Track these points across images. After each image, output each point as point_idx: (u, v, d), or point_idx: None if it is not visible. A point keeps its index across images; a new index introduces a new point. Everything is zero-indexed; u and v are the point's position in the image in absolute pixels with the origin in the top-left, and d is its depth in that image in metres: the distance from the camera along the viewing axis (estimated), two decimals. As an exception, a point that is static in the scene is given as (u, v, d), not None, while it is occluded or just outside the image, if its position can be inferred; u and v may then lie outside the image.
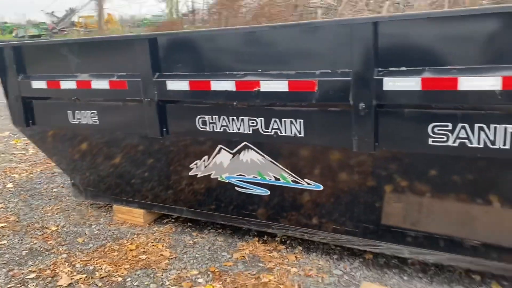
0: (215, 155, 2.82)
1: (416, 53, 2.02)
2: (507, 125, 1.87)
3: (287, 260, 2.98)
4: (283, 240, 3.23)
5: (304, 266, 2.89)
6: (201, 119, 2.71)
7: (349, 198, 2.54)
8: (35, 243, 3.34)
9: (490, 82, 1.82)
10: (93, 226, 3.63)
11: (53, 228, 3.61)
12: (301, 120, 2.35)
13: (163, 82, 2.71)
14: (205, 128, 2.71)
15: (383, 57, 2.05)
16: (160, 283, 2.77)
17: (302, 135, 2.38)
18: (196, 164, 2.96)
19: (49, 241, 3.39)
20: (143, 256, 3.09)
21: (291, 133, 2.41)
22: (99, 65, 3.00)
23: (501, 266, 2.33)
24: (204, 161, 2.90)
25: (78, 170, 3.73)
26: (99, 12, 33.84)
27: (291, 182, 2.65)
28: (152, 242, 3.29)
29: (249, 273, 2.82)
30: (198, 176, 3.02)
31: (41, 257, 3.13)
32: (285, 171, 2.62)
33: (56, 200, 4.23)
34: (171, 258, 3.06)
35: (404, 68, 2.03)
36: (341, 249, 3.06)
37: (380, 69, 2.07)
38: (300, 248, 3.11)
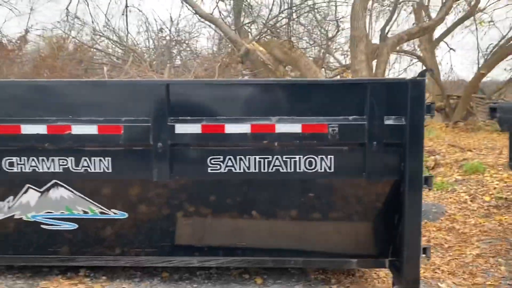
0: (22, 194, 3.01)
1: (197, 107, 2.85)
2: (256, 156, 2.84)
3: (93, 288, 3.29)
4: (87, 273, 3.50)
5: (108, 290, 3.26)
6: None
7: (150, 223, 3.11)
8: None
9: (244, 128, 2.78)
10: None
11: None
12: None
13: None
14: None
15: (174, 109, 2.81)
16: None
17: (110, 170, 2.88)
18: (-3, 206, 3.05)
19: None
20: None
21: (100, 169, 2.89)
22: None
23: (258, 260, 3.24)
24: (9, 201, 3.03)
25: None
26: None
27: (99, 214, 3.07)
28: None
29: (59, 305, 3.03)
30: (0, 218, 3.10)
31: None
32: (94, 203, 3.03)
33: None
34: (-34, 306, 2.98)
35: (189, 117, 2.83)
36: (141, 272, 3.56)
37: (172, 117, 2.82)
38: (105, 277, 3.45)
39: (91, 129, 2.81)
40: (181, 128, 2.81)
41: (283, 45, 8.73)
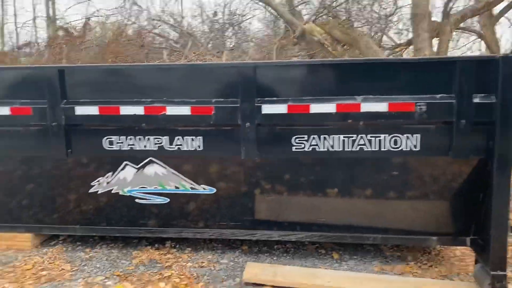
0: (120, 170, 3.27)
1: (283, 88, 2.96)
2: (340, 135, 2.93)
3: (181, 258, 3.53)
4: (172, 245, 3.76)
5: (197, 260, 3.49)
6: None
7: (235, 198, 3.29)
8: None
9: (329, 108, 2.86)
10: (-25, 255, 3.56)
11: None
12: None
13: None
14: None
15: (261, 90, 2.94)
16: (71, 290, 3.03)
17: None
18: (98, 181, 3.34)
19: None
20: (44, 272, 3.25)
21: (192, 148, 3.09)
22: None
23: (337, 236, 3.35)
24: (107, 177, 3.31)
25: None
26: None
27: (189, 189, 3.28)
28: (48, 261, 3.45)
29: (151, 272, 3.29)
30: (99, 192, 3.39)
31: None
32: (185, 179, 3.25)
33: None
34: (73, 270, 3.31)
35: (275, 98, 2.95)
36: (222, 245, 3.77)
37: (259, 98, 2.95)
38: (189, 249, 3.70)
39: (185, 110, 3.00)
40: (267, 109, 2.93)
41: (342, 25, 8.63)
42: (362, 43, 8.23)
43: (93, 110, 3.08)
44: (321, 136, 2.94)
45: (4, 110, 3.16)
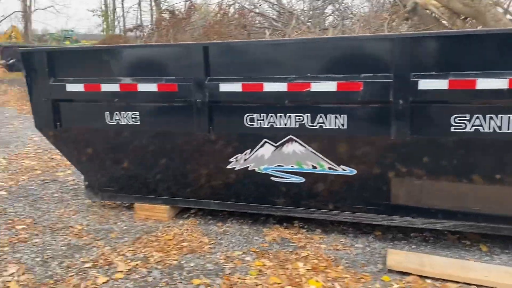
0: (258, 148, 3.25)
1: (443, 60, 2.68)
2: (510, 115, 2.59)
3: (313, 239, 3.46)
4: (300, 225, 3.71)
5: (330, 243, 3.39)
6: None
7: (375, 181, 3.11)
8: (70, 240, 3.46)
9: (500, 83, 2.54)
10: (119, 223, 3.81)
11: (78, 227, 3.72)
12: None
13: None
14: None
15: (417, 64, 2.70)
16: (214, 262, 3.10)
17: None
18: (236, 158, 3.35)
19: (82, 237, 3.52)
20: (185, 243, 3.38)
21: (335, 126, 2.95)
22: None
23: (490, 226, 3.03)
24: (245, 154, 3.31)
25: (97, 170, 3.89)
26: (25, 24, 32.23)
27: (327, 169, 3.17)
28: (186, 232, 3.58)
29: (286, 251, 3.26)
30: (236, 169, 3.41)
31: (84, 250, 3.28)
32: (324, 159, 3.13)
33: (64, 204, 4.29)
34: (211, 244, 3.39)
35: (433, 73, 2.68)
36: (353, 229, 3.63)
37: (415, 73, 2.70)
38: (319, 230, 3.61)
39: (330, 86, 2.86)
40: (425, 84, 2.68)
41: (464, -4, 7.84)
42: (488, 15, 7.41)
43: (236, 87, 3.07)
44: (487, 115, 2.63)
45: (152, 87, 3.28)
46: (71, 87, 3.47)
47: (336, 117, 2.94)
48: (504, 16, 7.68)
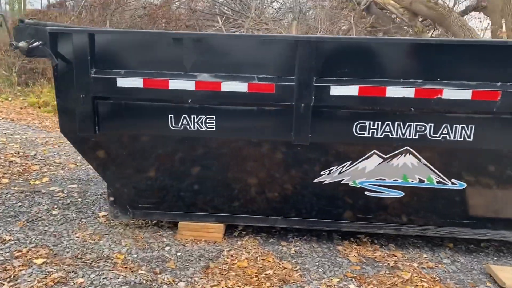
0: (362, 160, 2.85)
1: None
2: None
3: (396, 257, 3.17)
4: (369, 240, 3.40)
5: (416, 259, 3.13)
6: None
7: (484, 194, 2.93)
8: (125, 276, 2.71)
9: None
10: (166, 249, 3.11)
11: (119, 256, 2.95)
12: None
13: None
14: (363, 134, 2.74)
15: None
16: (323, 293, 2.66)
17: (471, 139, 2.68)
18: (330, 170, 2.92)
19: (136, 270, 2.78)
20: (269, 271, 2.86)
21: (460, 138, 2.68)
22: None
23: None
24: (343, 167, 2.89)
25: (134, 184, 3.14)
26: None
27: (435, 183, 2.90)
28: (258, 255, 3.05)
29: (384, 273, 2.94)
30: (324, 183, 2.97)
31: (155, 291, 2.59)
32: (435, 172, 2.86)
33: (72, 224, 3.42)
34: (296, 269, 2.92)
35: None
36: (422, 241, 3.43)
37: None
38: (393, 245, 3.34)
39: (465, 94, 2.58)
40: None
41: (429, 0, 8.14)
42: (450, 20, 7.79)
43: (351, 90, 2.63)
44: None
45: (241, 86, 2.67)
46: (124, 81, 2.69)
47: (462, 128, 2.67)
48: (467, 23, 8.15)
